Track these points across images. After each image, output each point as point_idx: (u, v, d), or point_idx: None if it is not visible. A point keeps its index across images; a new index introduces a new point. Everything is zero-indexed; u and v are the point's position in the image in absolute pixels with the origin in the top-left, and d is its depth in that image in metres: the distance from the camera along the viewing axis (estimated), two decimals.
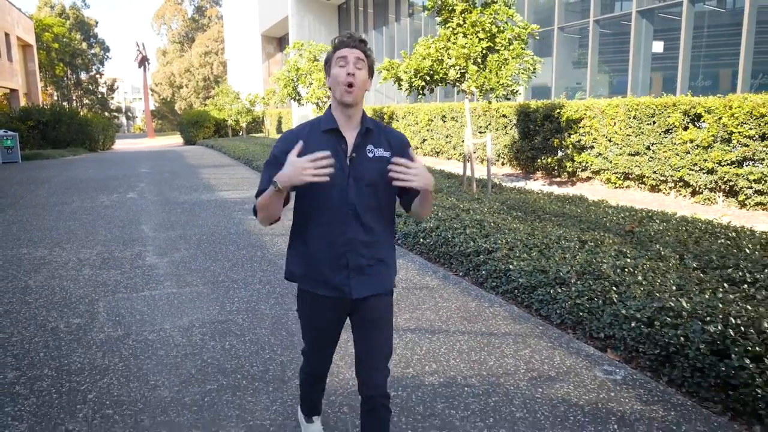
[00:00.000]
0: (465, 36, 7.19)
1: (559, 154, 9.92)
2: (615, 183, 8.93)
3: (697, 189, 7.61)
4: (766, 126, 6.55)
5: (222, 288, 4.71)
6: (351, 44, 1.84)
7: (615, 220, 5.66)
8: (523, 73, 7.21)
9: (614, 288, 3.63)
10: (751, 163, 6.84)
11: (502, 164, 11.88)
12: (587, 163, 9.31)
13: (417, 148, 15.12)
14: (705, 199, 7.53)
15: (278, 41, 33.40)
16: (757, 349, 2.69)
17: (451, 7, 7.35)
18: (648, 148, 8.15)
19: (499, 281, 4.39)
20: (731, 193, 7.24)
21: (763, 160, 6.69)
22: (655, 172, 8.11)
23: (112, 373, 3.19)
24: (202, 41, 62.97)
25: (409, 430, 2.56)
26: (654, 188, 8.37)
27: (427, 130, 14.47)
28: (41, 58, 41.42)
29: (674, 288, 3.53)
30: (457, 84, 7.48)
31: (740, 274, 3.75)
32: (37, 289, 4.74)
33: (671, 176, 7.87)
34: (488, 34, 7.14)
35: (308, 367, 2.18)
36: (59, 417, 2.73)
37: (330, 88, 1.88)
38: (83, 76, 59.90)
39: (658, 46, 10.50)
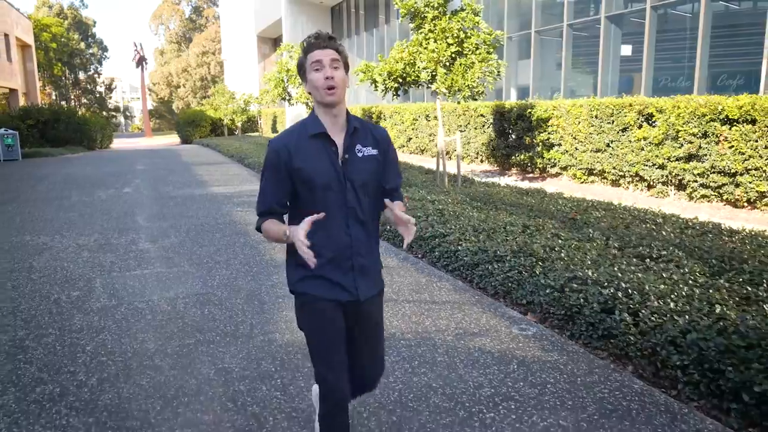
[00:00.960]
0: (435, 41, 7.79)
1: (531, 151, 10.51)
2: (581, 178, 9.53)
3: (651, 183, 8.22)
4: (707, 125, 7.15)
5: (206, 268, 5.29)
6: (322, 45, 1.82)
7: (563, 209, 6.25)
8: (488, 75, 7.81)
9: (540, 263, 4.22)
10: (695, 159, 7.44)
11: (481, 161, 12.48)
12: (555, 159, 9.91)
13: (403, 146, 15.72)
14: (659, 193, 8.14)
15: (273, 42, 33.94)
16: (636, 306, 3.29)
17: (423, 15, 7.94)
18: (608, 145, 8.75)
19: (449, 260, 4.98)
20: (681, 186, 7.85)
21: (706, 156, 7.29)
22: (614, 168, 8.72)
23: (107, 331, 3.78)
24: (200, 41, 63.48)
25: None
26: (615, 183, 8.97)
27: (412, 129, 15.07)
28: (40, 57, 41.87)
29: (589, 262, 4.12)
30: (429, 85, 8.07)
31: (648, 251, 4.35)
32: (41, 269, 5.33)
33: (628, 171, 8.47)
34: (456, 40, 7.73)
35: (329, 392, 1.92)
36: (62, 362, 3.32)
37: (309, 93, 1.86)
38: (81, 75, 60.31)
39: (626, 49, 11.10)
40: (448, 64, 7.78)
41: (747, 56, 8.88)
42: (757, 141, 6.63)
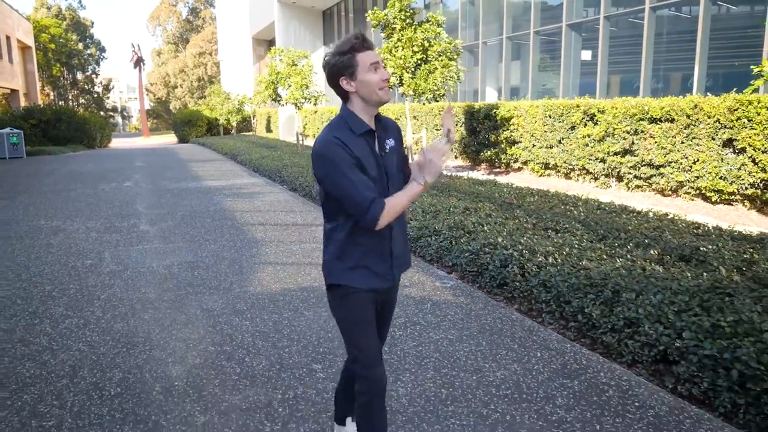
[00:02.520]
0: (402, 49, 8.78)
1: (497, 148, 11.51)
2: (539, 172, 10.53)
3: (595, 175, 9.23)
4: (637, 123, 8.16)
5: (196, 244, 6.28)
6: (367, 46, 1.83)
7: (505, 196, 7.25)
8: (449, 80, 8.81)
9: (467, 235, 5.22)
10: (629, 153, 8.46)
11: (455, 157, 13.49)
12: (517, 155, 10.92)
13: None
14: (602, 184, 9.15)
15: (268, 43, 34.87)
16: (524, 261, 4.29)
17: (392, 25, 8.94)
18: (559, 142, 9.76)
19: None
20: (619, 178, 8.86)
21: (636, 151, 8.31)
22: (565, 162, 9.73)
23: (116, 287, 4.77)
24: (197, 42, 64.40)
25: (292, 309, 4.15)
26: (567, 176, 9.98)
27: (418, 128, 16.08)
28: (38, 58, 42.73)
29: (505, 234, 5.12)
30: (397, 88, 9.07)
31: (555, 225, 5.35)
32: (58, 245, 6.31)
33: (576, 165, 9.48)
34: (421, 48, 8.73)
35: (372, 376, 1.99)
36: (83, 305, 4.31)
37: (353, 92, 1.85)
38: (79, 76, 61.05)
39: (585, 55, 12.10)
40: (413, 69, 8.78)
41: (684, 61, 9.89)
42: (675, 137, 7.64)
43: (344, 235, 1.92)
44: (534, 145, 10.36)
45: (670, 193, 8.09)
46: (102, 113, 58.23)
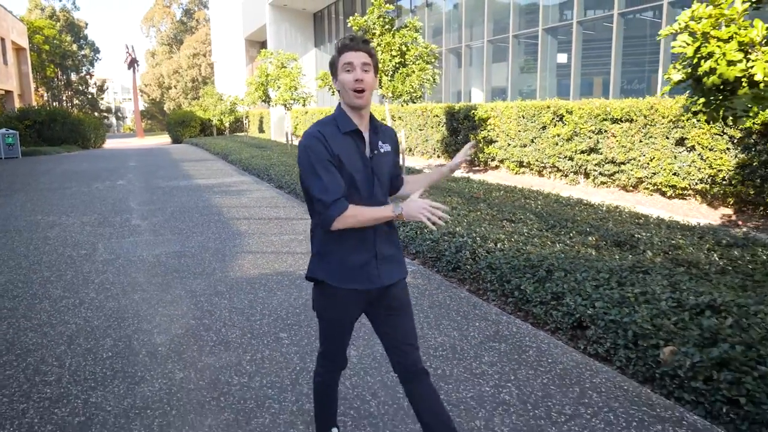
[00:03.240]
0: (381, 53, 9.27)
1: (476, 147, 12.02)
2: (514, 170, 11.05)
3: (565, 173, 9.75)
4: (600, 123, 8.68)
5: (184, 235, 6.75)
6: (355, 47, 1.87)
7: (474, 191, 7.75)
8: (426, 82, 9.31)
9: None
10: (594, 151, 8.98)
11: (438, 156, 13.99)
12: (494, 154, 11.43)
13: None
14: (571, 181, 9.66)
15: (261, 45, 35.31)
16: (476, 247, 4.78)
17: (372, 30, 9.43)
18: (532, 141, 10.27)
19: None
20: (586, 175, 9.38)
21: (600, 149, 8.83)
22: (537, 160, 10.24)
23: (109, 272, 5.24)
24: (190, 43, 64.72)
25: (260, 287, 4.63)
26: (540, 173, 10.49)
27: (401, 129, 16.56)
28: (32, 59, 42.99)
29: (465, 224, 5.62)
30: (378, 90, 9.56)
31: (512, 216, 5.85)
32: (54, 237, 6.77)
33: (547, 163, 10.00)
34: (399, 52, 9.22)
35: (329, 364, 2.17)
36: (78, 287, 4.78)
37: (338, 90, 1.91)
38: (73, 77, 61.22)
39: (561, 58, 12.63)
40: (391, 73, 9.27)
41: (649, 64, 10.42)
42: (634, 136, 8.16)
43: (324, 232, 1.94)
44: (509, 144, 10.87)
45: (631, 188, 8.61)
46: (96, 114, 58.44)
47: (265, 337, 3.68)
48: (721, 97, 3.19)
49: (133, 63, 50.78)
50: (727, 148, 6.93)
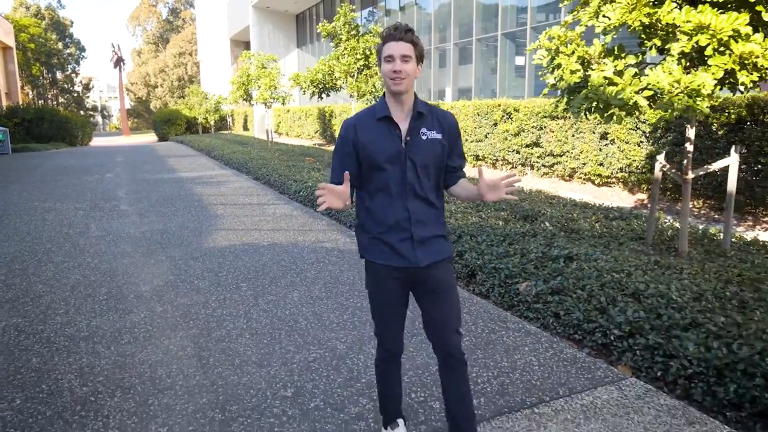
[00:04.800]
0: (347, 56, 10.27)
1: None
2: (472, 163, 12.09)
3: (514, 165, 10.81)
4: (541, 120, 9.74)
5: (166, 218, 7.69)
6: (397, 37, 1.92)
7: None
8: None
9: None
10: (536, 145, 10.04)
11: None
12: None
13: None
14: (519, 172, 10.73)
15: (245, 45, 36.10)
16: None
17: (339, 36, 10.42)
18: (486, 136, 11.32)
19: (331, 212, 7.44)
20: (531, 166, 10.45)
21: (542, 143, 9.89)
22: (490, 154, 11.29)
23: (102, 244, 6.19)
24: (177, 42, 65.24)
25: (242, 273, 5.60)
26: (494, 165, 11.55)
27: None
28: (18, 58, 43.36)
29: None
30: (344, 90, 10.55)
31: (447, 197, 6.87)
32: (51, 219, 7.68)
33: (499, 156, 11.05)
34: (363, 56, 10.22)
35: (382, 348, 2.21)
36: (77, 255, 5.72)
37: (382, 78, 2.00)
38: (59, 75, 61.39)
39: (519, 60, 13.70)
40: (356, 74, 10.27)
41: None
42: (567, 132, 9.23)
43: (363, 211, 2.10)
44: (467, 140, 11.91)
45: (567, 178, 9.69)
46: (82, 113, 58.76)
47: (228, 286, 4.66)
48: (572, 98, 4.20)
49: (119, 62, 51.25)
50: (641, 141, 8.01)
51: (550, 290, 3.79)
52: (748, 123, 6.56)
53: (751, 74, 3.44)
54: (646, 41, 3.97)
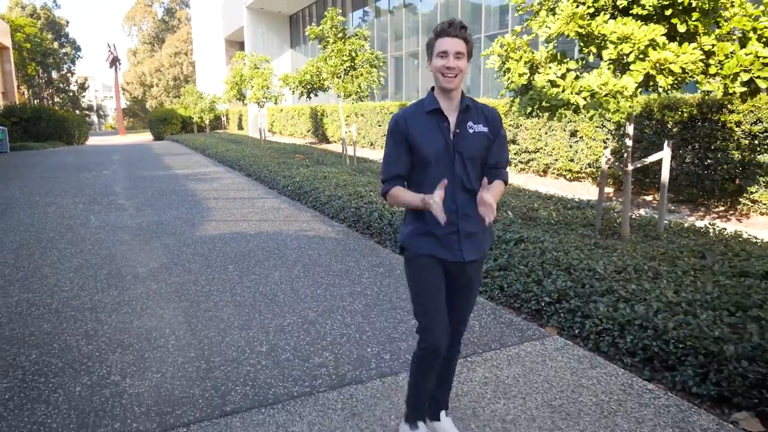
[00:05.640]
0: (335, 58, 10.78)
1: None
2: None
3: None
4: (517, 119, 10.28)
5: (162, 210, 8.19)
6: (453, 33, 1.96)
7: None
8: (373, 83, 10.84)
9: (359, 198, 7.23)
10: (513, 143, 10.58)
11: None
12: None
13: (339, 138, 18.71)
14: None
15: (240, 45, 36.55)
16: (383, 210, 6.31)
17: (326, 38, 10.93)
18: None
19: (315, 202, 7.97)
20: (510, 163, 10.98)
21: (518, 141, 10.43)
22: None
23: (101, 234, 6.69)
24: (172, 42, 65.57)
25: (231, 263, 6.11)
26: None
27: (346, 124, 18.07)
28: (14, 57, 43.67)
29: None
30: (331, 90, 11.06)
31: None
32: (53, 212, 8.18)
33: None
34: (349, 57, 10.74)
35: (428, 341, 2.10)
36: (78, 242, 6.22)
37: (432, 72, 2.02)
38: (54, 75, 61.60)
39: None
40: (342, 75, 10.78)
41: None
42: (540, 130, 9.77)
43: (414, 211, 2.10)
44: None
45: (542, 173, 10.23)
46: (78, 112, 59.03)
47: (216, 267, 5.18)
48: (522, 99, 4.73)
49: (114, 61, 51.61)
50: (606, 139, 8.55)
51: (498, 267, 4.32)
52: (699, 121, 7.11)
53: (667, 78, 3.97)
54: (584, 48, 4.50)
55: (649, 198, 8.17)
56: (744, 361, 2.64)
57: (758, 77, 4.05)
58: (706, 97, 6.89)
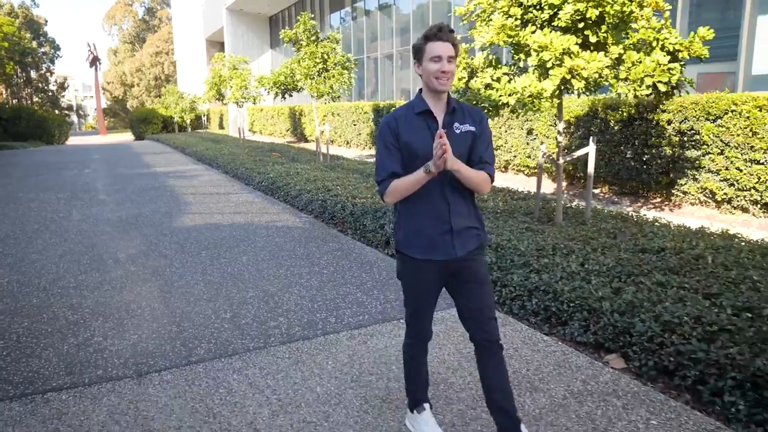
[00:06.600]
0: (307, 60, 11.31)
1: None
2: None
3: None
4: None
5: (141, 205, 8.66)
6: (443, 38, 2.02)
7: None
8: (343, 84, 11.39)
9: (326, 191, 7.78)
10: None
11: (369, 147, 16.10)
12: None
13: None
14: None
15: (221, 46, 36.82)
16: (344, 200, 6.87)
17: (300, 41, 11.46)
18: None
19: (286, 196, 8.50)
20: None
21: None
22: None
23: (83, 225, 7.16)
24: (153, 42, 65.38)
25: (201, 247, 6.63)
26: None
27: (321, 123, 18.60)
28: None
29: (350, 187, 7.69)
30: (305, 91, 11.59)
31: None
32: (37, 207, 8.60)
33: None
34: (321, 60, 11.28)
35: (412, 334, 2.32)
36: (62, 233, 6.69)
37: (420, 75, 2.09)
38: (33, 74, 61.03)
39: None
40: (315, 76, 11.33)
41: None
42: (500, 128, 10.41)
43: (403, 206, 2.16)
44: None
45: (503, 169, 10.87)
46: (57, 112, 58.61)
47: (190, 253, 5.70)
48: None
49: (95, 61, 51.46)
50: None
51: None
52: (637, 120, 7.78)
53: (580, 82, 4.59)
54: (515, 55, 5.11)
55: (597, 191, 8.84)
56: (616, 314, 3.25)
57: (660, 81, 4.69)
58: (608, 99, 7.57)
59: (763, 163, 6.46)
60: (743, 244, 4.57)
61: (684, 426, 2.52)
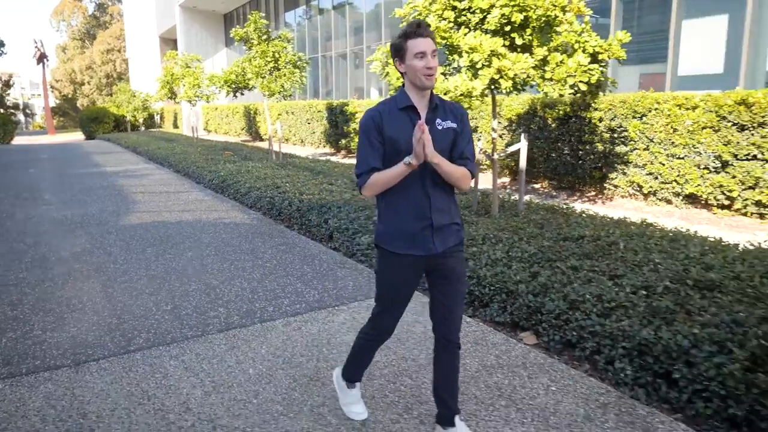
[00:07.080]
0: (259, 59, 11.37)
1: (348, 137, 14.37)
2: None
3: None
4: None
5: (88, 204, 8.58)
6: (424, 34, 2.04)
7: (333, 170, 10.02)
8: (295, 83, 11.51)
9: (275, 189, 7.91)
10: None
11: (324, 146, 16.23)
12: None
13: (265, 134, 19.21)
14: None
15: (174, 43, 36.17)
16: (293, 197, 7.02)
17: (251, 40, 11.50)
18: None
19: (236, 194, 8.58)
20: None
21: None
22: None
23: (26, 225, 7.07)
24: (104, 38, 63.46)
25: (172, 248, 6.67)
26: None
27: (272, 122, 18.61)
28: None
29: (299, 184, 7.85)
30: (257, 89, 11.65)
31: (332, 179, 8.15)
32: None
33: None
34: (273, 59, 11.36)
35: (376, 329, 2.36)
36: (2, 234, 6.61)
37: (404, 73, 2.11)
38: None
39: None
40: (266, 75, 11.40)
41: None
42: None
43: (384, 201, 2.18)
44: None
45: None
46: (2, 110, 56.25)
47: (136, 250, 5.76)
48: None
49: (42, 58, 49.61)
50: (502, 134, 9.58)
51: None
52: (572, 118, 8.21)
53: (507, 82, 4.89)
54: (449, 56, 5.38)
55: (537, 186, 9.26)
56: (530, 295, 3.54)
57: (581, 81, 5.04)
58: (545, 98, 7.97)
59: (682, 158, 6.95)
60: (657, 232, 4.97)
61: (578, 390, 2.81)
